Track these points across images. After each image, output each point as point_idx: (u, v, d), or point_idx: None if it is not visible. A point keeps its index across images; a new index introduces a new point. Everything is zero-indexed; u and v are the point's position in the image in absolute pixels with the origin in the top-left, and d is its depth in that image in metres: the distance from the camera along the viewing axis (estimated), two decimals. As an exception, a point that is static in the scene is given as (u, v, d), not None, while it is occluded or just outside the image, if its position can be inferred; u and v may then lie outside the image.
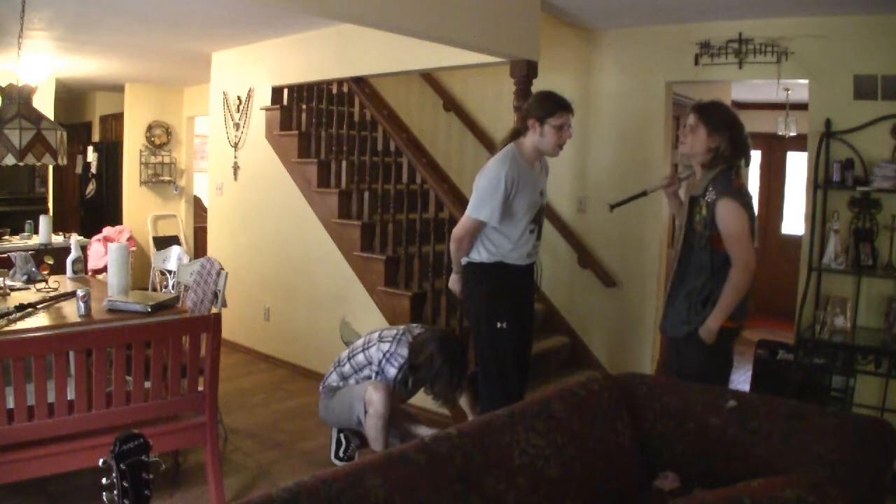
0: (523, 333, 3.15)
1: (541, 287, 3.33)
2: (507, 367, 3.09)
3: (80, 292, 3.20)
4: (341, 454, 3.47)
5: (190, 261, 4.23)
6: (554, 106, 2.96)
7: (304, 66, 4.98)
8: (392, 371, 3.24)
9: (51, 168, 6.97)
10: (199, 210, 8.05)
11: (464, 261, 3.11)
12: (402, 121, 5.90)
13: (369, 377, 3.31)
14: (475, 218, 2.97)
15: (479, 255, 3.03)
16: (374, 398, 3.13)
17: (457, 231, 3.05)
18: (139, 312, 3.25)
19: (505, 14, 3.70)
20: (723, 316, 2.60)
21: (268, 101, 5.29)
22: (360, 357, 3.38)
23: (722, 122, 2.66)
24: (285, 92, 5.25)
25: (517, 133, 3.05)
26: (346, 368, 3.42)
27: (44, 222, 5.33)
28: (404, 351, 3.25)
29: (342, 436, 3.48)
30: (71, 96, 8.07)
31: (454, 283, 3.27)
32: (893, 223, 3.64)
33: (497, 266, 3.01)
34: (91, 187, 7.87)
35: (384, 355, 3.27)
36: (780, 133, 5.90)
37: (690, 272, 2.70)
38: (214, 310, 3.58)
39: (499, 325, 3.01)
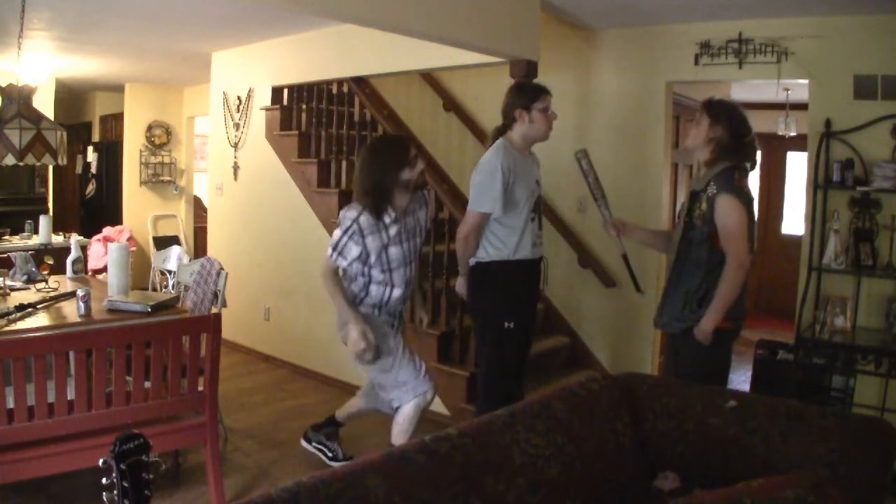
0: (525, 332, 3.15)
1: (546, 286, 3.31)
2: (509, 366, 3.08)
3: (80, 292, 3.20)
4: (329, 455, 3.44)
5: (190, 261, 4.23)
6: (536, 91, 3.03)
7: (304, 66, 4.98)
8: (337, 233, 2.91)
9: (51, 168, 6.98)
10: (199, 210, 8.05)
11: (472, 261, 3.09)
12: (402, 121, 5.90)
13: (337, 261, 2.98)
14: (478, 211, 2.96)
15: (487, 253, 3.03)
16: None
17: (461, 230, 3.04)
18: (139, 312, 3.25)
19: (505, 14, 3.70)
20: (717, 315, 2.60)
21: (268, 101, 5.29)
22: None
23: (724, 113, 2.67)
24: (285, 92, 5.25)
25: (502, 130, 3.09)
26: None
27: (44, 222, 5.33)
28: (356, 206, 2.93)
29: (317, 446, 3.47)
30: (71, 96, 8.07)
31: (461, 286, 3.23)
32: (893, 223, 3.64)
33: (505, 264, 3.00)
34: (91, 187, 7.87)
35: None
36: (780, 133, 5.89)
37: (688, 269, 2.70)
38: (214, 310, 3.58)
39: (507, 324, 3.00)
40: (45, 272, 4.00)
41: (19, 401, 2.42)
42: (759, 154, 2.77)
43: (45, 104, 5.71)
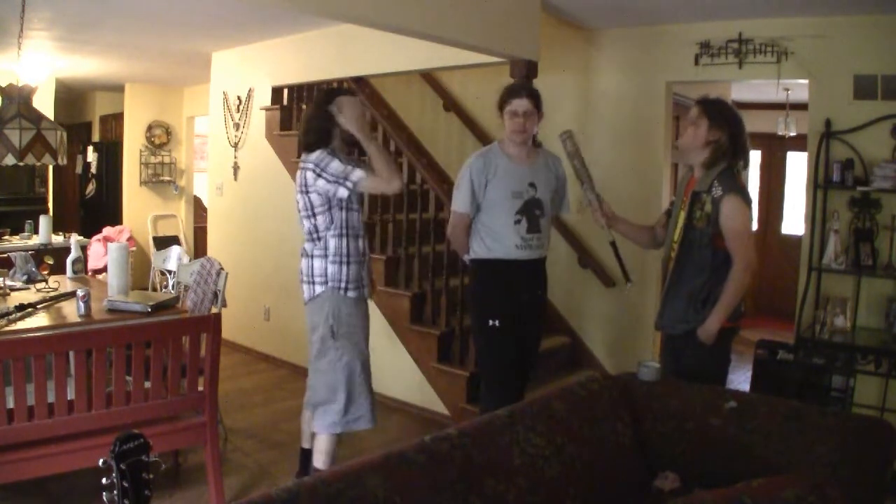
0: (525, 333, 3.12)
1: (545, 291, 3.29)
2: (500, 365, 3.06)
3: (80, 292, 3.20)
4: None
5: (190, 261, 4.23)
6: (505, 94, 3.03)
7: (304, 66, 4.98)
8: (334, 163, 2.85)
9: (51, 168, 6.97)
10: (199, 210, 8.05)
11: (466, 258, 3.15)
12: (402, 121, 5.90)
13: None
14: (453, 211, 3.07)
15: (476, 252, 3.06)
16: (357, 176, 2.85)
17: (447, 230, 3.16)
18: (139, 312, 3.25)
19: (505, 14, 3.70)
20: (722, 317, 2.60)
21: (268, 101, 5.29)
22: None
23: (724, 117, 2.67)
24: (285, 92, 5.25)
25: None
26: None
27: (44, 222, 5.33)
28: (312, 156, 2.89)
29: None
30: (71, 96, 8.07)
31: None
32: (893, 223, 3.64)
33: (493, 262, 3.01)
34: (91, 187, 7.87)
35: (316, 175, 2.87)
36: (780, 133, 5.90)
37: (689, 270, 2.69)
38: (214, 310, 3.58)
39: (491, 322, 2.99)
40: (45, 272, 3.99)
41: (19, 401, 2.42)
42: (749, 152, 2.79)
43: (45, 104, 5.71)
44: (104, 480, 1.25)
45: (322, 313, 2.91)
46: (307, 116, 3.00)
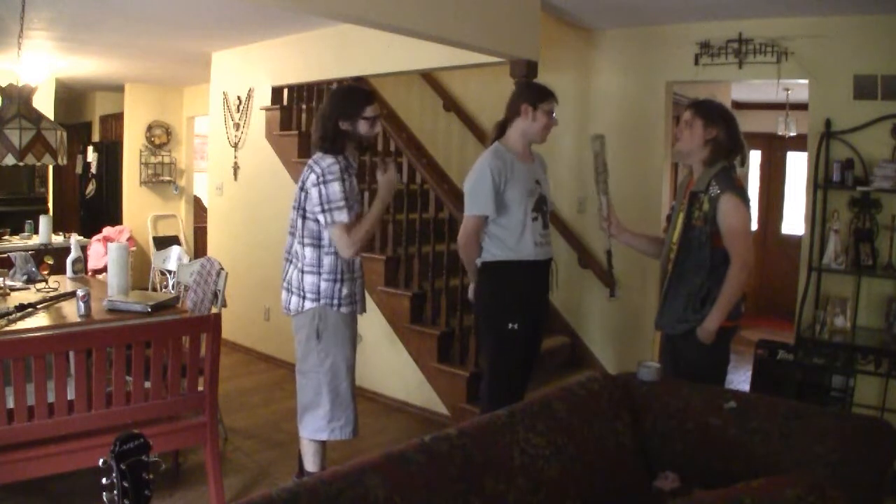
0: (534, 334, 3.13)
1: (556, 290, 3.28)
2: (512, 367, 3.07)
3: (80, 292, 3.20)
4: None
5: (190, 261, 4.23)
6: (546, 92, 3.06)
7: (304, 66, 4.98)
8: (335, 186, 2.78)
9: (51, 168, 6.98)
10: (199, 210, 8.05)
11: (478, 262, 3.08)
12: (402, 121, 5.90)
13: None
14: (473, 215, 2.98)
15: (492, 254, 3.02)
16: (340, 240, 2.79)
17: (460, 236, 3.05)
18: (139, 312, 3.25)
19: (505, 14, 3.70)
20: (721, 316, 2.60)
21: (268, 101, 5.29)
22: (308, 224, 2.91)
23: (717, 113, 2.70)
24: (285, 92, 5.25)
25: (503, 125, 3.09)
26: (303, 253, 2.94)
27: (44, 222, 5.34)
28: (324, 162, 2.81)
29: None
30: (71, 96, 8.07)
31: (472, 293, 3.22)
32: (893, 223, 3.65)
33: (511, 264, 2.99)
34: (91, 187, 7.87)
35: (319, 181, 2.80)
36: (780, 133, 5.90)
37: (689, 270, 2.70)
38: (214, 310, 3.59)
39: (510, 325, 2.99)
40: (45, 272, 4.00)
41: (19, 401, 2.42)
42: (746, 148, 2.79)
43: (45, 104, 5.71)
44: (104, 480, 1.25)
45: (307, 317, 2.90)
46: (322, 115, 2.89)
